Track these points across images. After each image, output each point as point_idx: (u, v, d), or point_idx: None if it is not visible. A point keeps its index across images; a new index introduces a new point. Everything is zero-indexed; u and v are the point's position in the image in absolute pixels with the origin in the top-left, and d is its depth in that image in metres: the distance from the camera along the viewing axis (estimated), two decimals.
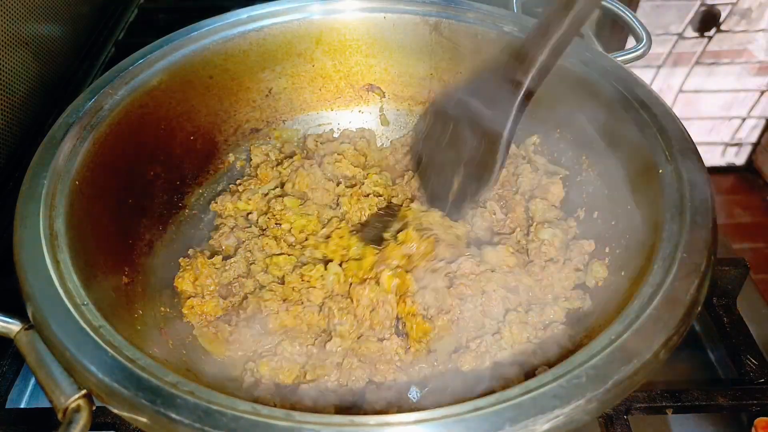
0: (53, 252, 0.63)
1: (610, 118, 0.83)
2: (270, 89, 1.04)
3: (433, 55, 1.03)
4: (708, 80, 2.57)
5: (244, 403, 0.51)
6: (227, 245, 0.91)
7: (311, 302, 0.81)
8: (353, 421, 0.50)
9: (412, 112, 1.10)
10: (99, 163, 0.78)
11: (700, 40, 2.44)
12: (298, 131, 1.08)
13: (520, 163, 0.97)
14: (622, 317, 0.57)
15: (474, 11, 0.98)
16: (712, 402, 0.70)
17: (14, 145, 1.09)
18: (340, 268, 0.85)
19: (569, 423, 0.50)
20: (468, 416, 0.50)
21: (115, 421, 0.69)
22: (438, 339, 0.79)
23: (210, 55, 0.95)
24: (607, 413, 0.69)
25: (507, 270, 0.83)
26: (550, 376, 0.52)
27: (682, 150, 0.72)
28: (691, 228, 0.64)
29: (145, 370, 0.54)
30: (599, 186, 0.87)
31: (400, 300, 0.81)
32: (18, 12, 1.10)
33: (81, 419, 0.54)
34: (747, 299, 0.87)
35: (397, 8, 1.01)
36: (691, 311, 0.58)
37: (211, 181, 1.01)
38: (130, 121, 0.85)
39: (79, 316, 0.58)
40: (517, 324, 0.77)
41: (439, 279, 0.83)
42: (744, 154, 2.82)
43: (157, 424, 0.51)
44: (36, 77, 1.16)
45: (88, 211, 0.74)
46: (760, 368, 0.76)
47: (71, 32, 1.32)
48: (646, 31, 0.97)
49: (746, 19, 2.40)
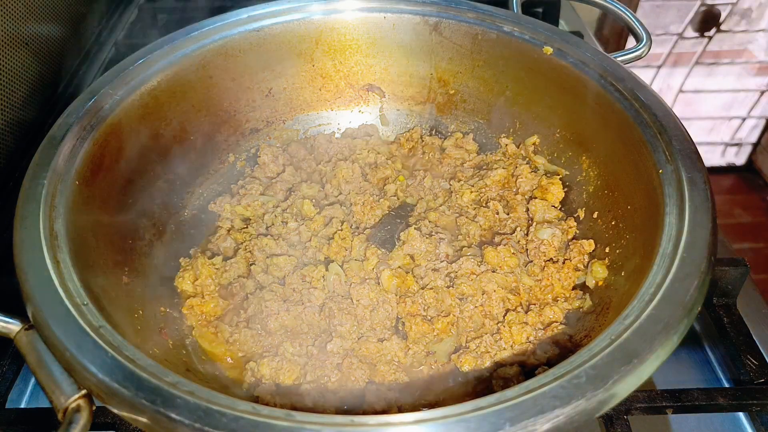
0: (53, 252, 0.63)
1: (610, 118, 0.83)
2: (270, 89, 1.04)
3: (433, 55, 1.03)
4: (708, 80, 2.57)
5: (244, 403, 0.51)
6: (225, 247, 0.91)
7: (312, 303, 0.81)
8: (353, 421, 0.50)
9: (412, 112, 1.10)
10: (99, 163, 0.78)
11: (700, 40, 2.44)
12: (298, 131, 1.09)
13: (520, 163, 0.97)
14: (622, 317, 0.57)
15: (474, 11, 0.98)
16: (712, 402, 0.70)
17: (14, 145, 1.09)
18: (341, 269, 0.85)
19: (569, 423, 0.50)
20: (468, 416, 0.50)
21: (115, 421, 0.69)
22: (438, 340, 0.79)
23: (210, 55, 0.95)
24: (607, 413, 0.69)
25: (507, 270, 0.83)
26: (550, 376, 0.53)
27: (682, 150, 0.72)
28: (691, 228, 0.64)
29: (145, 370, 0.54)
30: (599, 186, 0.87)
31: (400, 300, 0.81)
32: (18, 12, 1.10)
33: (81, 419, 0.54)
34: (747, 299, 0.87)
35: (397, 8, 1.01)
36: (691, 311, 0.58)
37: (211, 181, 1.01)
38: (130, 121, 0.85)
39: (79, 316, 0.58)
40: (516, 324, 0.77)
41: (439, 279, 0.83)
42: (744, 154, 2.82)
43: (157, 424, 0.51)
44: (36, 77, 1.16)
45: (88, 211, 0.74)
46: (760, 368, 0.76)
47: (71, 32, 1.32)
48: (646, 31, 0.97)
49: (746, 19, 2.40)
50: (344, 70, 1.07)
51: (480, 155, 1.03)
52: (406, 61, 1.06)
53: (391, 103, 1.10)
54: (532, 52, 0.93)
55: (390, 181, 0.99)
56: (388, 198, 0.96)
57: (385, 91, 1.09)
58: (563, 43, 0.91)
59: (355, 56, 1.06)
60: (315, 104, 1.09)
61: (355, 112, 1.11)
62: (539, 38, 0.93)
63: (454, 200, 0.95)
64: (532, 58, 0.93)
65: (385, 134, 1.11)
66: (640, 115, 0.78)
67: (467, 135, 1.05)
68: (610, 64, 0.86)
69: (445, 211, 0.94)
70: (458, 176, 0.99)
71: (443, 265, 0.85)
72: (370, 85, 1.09)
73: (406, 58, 1.05)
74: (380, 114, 1.11)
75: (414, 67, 1.06)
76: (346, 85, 1.08)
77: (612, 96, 0.82)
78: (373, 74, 1.08)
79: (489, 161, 1.01)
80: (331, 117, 1.10)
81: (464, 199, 0.94)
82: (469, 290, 0.81)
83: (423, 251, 0.86)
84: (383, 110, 1.11)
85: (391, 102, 1.10)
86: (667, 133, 0.75)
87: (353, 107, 1.10)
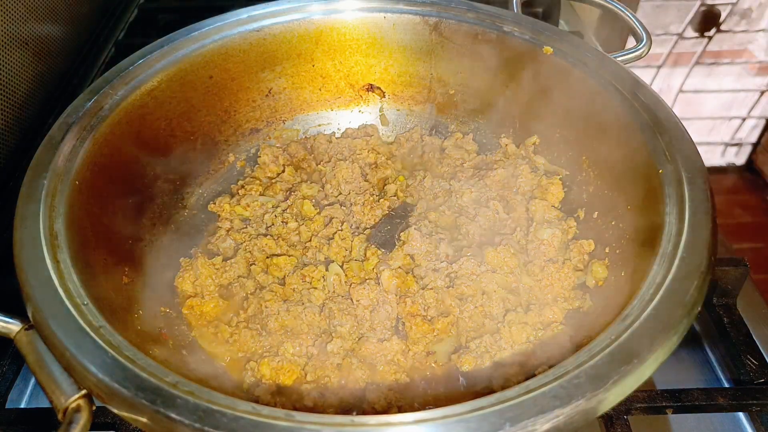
0: (53, 252, 0.63)
1: (610, 118, 0.83)
2: (270, 89, 1.04)
3: (433, 55, 1.03)
4: (708, 80, 2.57)
5: (244, 403, 0.51)
6: (224, 248, 0.91)
7: (312, 303, 0.81)
8: (353, 421, 0.50)
9: (412, 112, 1.10)
10: (99, 163, 0.78)
11: (700, 40, 2.44)
12: (298, 131, 1.08)
13: (520, 163, 0.97)
14: (622, 317, 0.57)
15: (474, 11, 0.98)
16: (712, 402, 0.70)
17: (14, 145, 1.09)
18: (341, 269, 0.85)
19: (569, 423, 0.50)
20: (468, 416, 0.50)
21: (115, 421, 0.69)
22: (438, 340, 0.79)
23: (210, 55, 0.95)
24: (607, 413, 0.69)
25: (507, 270, 0.83)
26: (550, 376, 0.52)
27: (682, 150, 0.72)
28: (691, 228, 0.64)
29: (145, 370, 0.54)
30: (599, 186, 0.87)
31: (400, 300, 0.81)
32: (18, 12, 1.10)
33: (81, 419, 0.54)
34: (747, 299, 0.87)
35: (397, 8, 1.01)
36: (691, 311, 0.58)
37: (211, 181, 1.01)
38: (130, 121, 0.85)
39: (79, 316, 0.58)
40: (516, 324, 0.77)
41: (439, 279, 0.83)
42: (744, 154, 2.82)
43: (157, 424, 0.51)
44: (36, 77, 1.16)
45: (88, 211, 0.74)
46: (760, 368, 0.76)
47: (71, 32, 1.32)
48: (646, 31, 0.97)
49: (746, 19, 2.40)
50: (344, 70, 1.07)
51: (480, 155, 1.03)
52: (406, 61, 1.06)
53: (391, 103, 1.10)
54: (532, 52, 0.93)
55: (390, 181, 0.99)
56: (388, 198, 0.96)
57: (385, 91, 1.09)
58: (563, 43, 0.91)
59: (355, 56, 1.06)
60: (315, 104, 1.09)
61: (355, 112, 1.11)
62: (539, 38, 0.93)
63: (454, 200, 0.95)
64: (532, 58, 0.93)
65: (385, 134, 1.11)
66: (640, 115, 0.78)
67: (467, 135, 1.05)
68: (610, 64, 0.86)
69: (445, 211, 0.94)
70: (458, 176, 0.99)
71: (443, 265, 0.85)
72: (370, 85, 1.09)
73: (406, 58, 1.05)
74: (380, 114, 1.11)
75: (414, 67, 1.06)
76: (346, 85, 1.08)
77: (612, 96, 0.82)
78: (373, 74, 1.08)
79: (489, 161, 1.01)
80: (331, 117, 1.10)
81: (464, 199, 0.94)
82: (469, 290, 0.81)
83: (423, 251, 0.86)
84: (383, 110, 1.11)
85: (391, 102, 1.10)
86: (667, 133, 0.75)
87: (353, 107, 1.10)
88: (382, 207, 0.94)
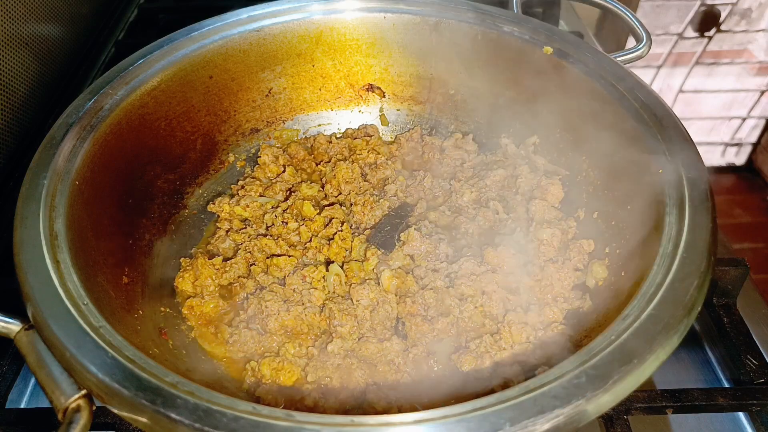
0: (53, 252, 0.63)
1: (610, 119, 0.83)
2: (270, 89, 1.04)
3: (433, 55, 1.03)
4: (708, 80, 2.57)
5: (244, 403, 0.51)
6: (224, 248, 0.91)
7: (312, 303, 0.81)
8: (353, 421, 0.50)
9: (412, 112, 1.10)
10: (99, 163, 0.78)
11: (700, 40, 2.44)
12: (298, 131, 1.08)
13: (520, 163, 0.97)
14: (622, 317, 0.57)
15: (474, 11, 0.98)
16: (712, 402, 0.70)
17: (14, 145, 1.09)
18: (341, 270, 0.85)
19: (569, 423, 0.50)
20: (468, 416, 0.50)
21: (115, 421, 0.69)
22: (438, 340, 0.79)
23: (210, 55, 0.95)
24: (607, 413, 0.69)
25: (507, 270, 0.83)
26: (550, 376, 0.52)
27: (682, 150, 0.72)
28: (691, 228, 0.64)
29: (145, 370, 0.54)
30: (599, 186, 0.87)
31: (400, 300, 0.81)
32: (18, 12, 1.10)
33: (81, 419, 0.54)
34: (747, 299, 0.87)
35: (397, 8, 1.01)
36: (691, 311, 0.58)
37: (211, 182, 1.01)
38: (130, 121, 0.85)
39: (79, 316, 0.58)
40: (516, 324, 0.77)
41: (439, 279, 0.83)
42: (744, 154, 2.82)
43: (157, 424, 0.51)
44: (36, 77, 1.16)
45: (88, 211, 0.74)
46: (760, 368, 0.76)
47: (71, 32, 1.32)
48: (646, 31, 0.97)
49: (746, 19, 2.40)
50: (344, 70, 1.07)
51: (480, 155, 1.03)
52: (406, 61, 1.06)
53: (391, 103, 1.10)
54: (532, 52, 0.93)
55: (390, 181, 0.99)
56: (388, 198, 0.96)
57: (385, 91, 1.09)
58: (563, 43, 0.91)
59: (355, 56, 1.06)
60: (315, 104, 1.09)
61: (355, 112, 1.11)
62: (539, 38, 0.93)
63: (454, 200, 0.95)
64: (532, 58, 0.93)
65: (385, 134, 1.11)
66: (640, 115, 0.78)
67: (467, 135, 1.05)
68: (610, 64, 0.86)
69: (445, 211, 0.94)
70: (458, 176, 0.99)
71: (443, 265, 0.85)
72: (370, 85, 1.09)
73: (406, 58, 1.05)
74: (380, 114, 1.11)
75: (414, 67, 1.06)
76: (346, 85, 1.08)
77: (612, 96, 0.82)
78: (373, 74, 1.08)
79: (489, 161, 1.01)
80: (331, 117, 1.10)
81: (464, 199, 0.94)
82: (469, 290, 0.81)
83: (423, 251, 0.86)
84: (383, 110, 1.11)
85: (391, 102, 1.10)
86: (667, 133, 0.75)
87: (353, 107, 1.10)
88: (382, 207, 0.94)
